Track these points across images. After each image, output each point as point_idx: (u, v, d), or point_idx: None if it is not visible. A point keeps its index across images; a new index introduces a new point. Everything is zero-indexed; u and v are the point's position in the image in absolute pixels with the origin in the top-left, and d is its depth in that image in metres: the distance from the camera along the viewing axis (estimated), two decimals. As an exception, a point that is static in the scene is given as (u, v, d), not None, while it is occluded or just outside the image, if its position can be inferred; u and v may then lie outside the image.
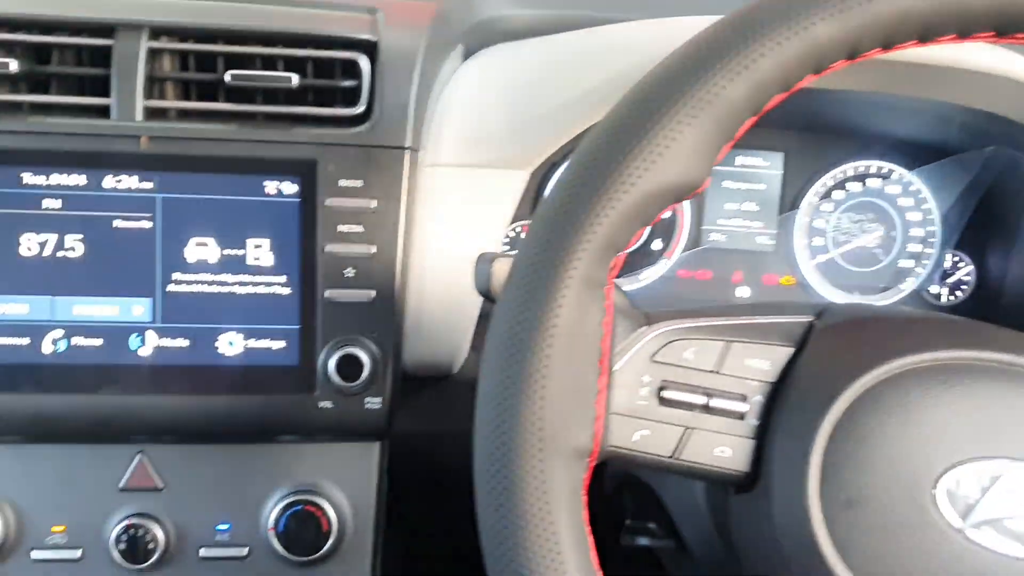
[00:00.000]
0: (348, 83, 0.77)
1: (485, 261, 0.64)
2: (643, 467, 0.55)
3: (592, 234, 0.49)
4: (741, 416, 0.55)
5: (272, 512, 0.82)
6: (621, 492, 0.88)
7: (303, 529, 0.81)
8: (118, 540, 0.80)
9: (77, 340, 0.74)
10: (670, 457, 0.54)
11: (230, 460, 0.82)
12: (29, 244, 0.73)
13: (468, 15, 0.88)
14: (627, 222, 0.50)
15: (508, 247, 0.98)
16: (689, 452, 0.54)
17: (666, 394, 0.54)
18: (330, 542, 0.82)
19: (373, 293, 0.77)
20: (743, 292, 1.01)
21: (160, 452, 0.82)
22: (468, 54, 0.88)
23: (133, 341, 0.75)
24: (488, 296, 0.65)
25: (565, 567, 0.49)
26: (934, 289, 1.01)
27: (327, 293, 0.76)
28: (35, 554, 0.80)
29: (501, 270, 0.63)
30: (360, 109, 0.77)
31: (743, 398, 0.55)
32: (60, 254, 0.73)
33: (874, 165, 0.99)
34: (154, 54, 0.75)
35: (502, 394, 0.50)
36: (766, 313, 0.58)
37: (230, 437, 0.81)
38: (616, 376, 0.53)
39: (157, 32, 0.75)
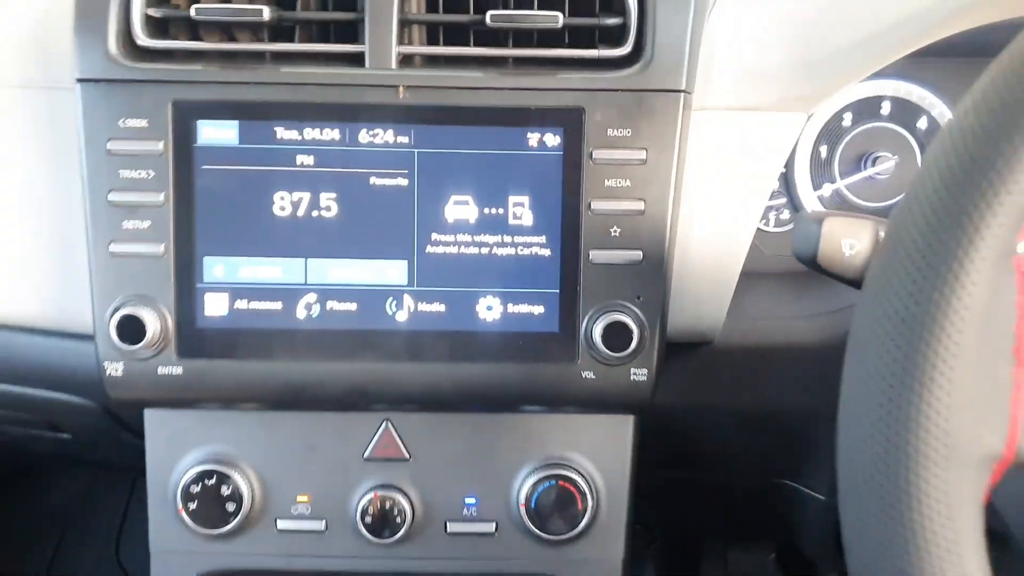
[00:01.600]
0: (613, 21, 0.70)
1: (811, 221, 0.56)
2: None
3: (1015, 193, 0.40)
4: None
5: (523, 487, 0.77)
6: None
7: (558, 506, 0.76)
8: (364, 512, 0.77)
9: (332, 304, 0.70)
10: None
11: (477, 430, 0.78)
12: (283, 203, 0.69)
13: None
14: None
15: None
16: None
17: None
18: (585, 520, 0.77)
19: (640, 254, 0.70)
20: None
21: (405, 420, 0.78)
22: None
23: (390, 305, 0.70)
24: (810, 262, 0.57)
25: None
26: None
27: (591, 254, 0.70)
28: (281, 524, 0.78)
29: (836, 233, 0.55)
30: (627, 49, 0.69)
31: None
32: (315, 213, 0.69)
33: None
34: None
35: (894, 388, 0.42)
36: None
37: (477, 406, 0.76)
38: None
39: (407, -30, 0.69)
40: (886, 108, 0.88)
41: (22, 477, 1.48)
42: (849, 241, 0.56)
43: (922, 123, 0.87)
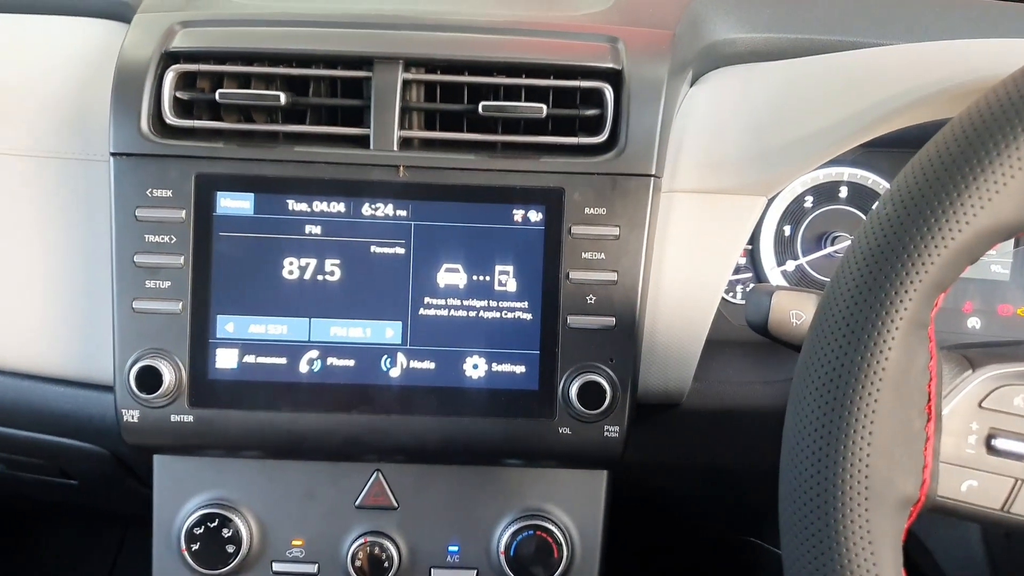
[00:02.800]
0: (591, 112, 0.78)
1: (762, 293, 0.63)
2: (968, 519, 0.52)
3: (924, 273, 0.47)
4: (1075, 467, 0.52)
5: (503, 536, 0.83)
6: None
7: (535, 555, 0.82)
8: (354, 557, 0.82)
9: (332, 360, 0.77)
10: (999, 510, 0.51)
11: (461, 481, 0.84)
12: (291, 268, 0.77)
13: (697, 40, 0.87)
14: (957, 261, 0.48)
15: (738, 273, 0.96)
16: (1020, 506, 0.51)
17: (996, 443, 0.51)
18: (560, 569, 0.82)
19: (613, 320, 0.77)
20: (974, 323, 0.96)
21: (395, 471, 0.84)
22: (694, 78, 0.87)
23: (384, 362, 0.77)
24: (761, 330, 0.64)
25: None
26: None
27: (569, 319, 0.77)
28: (276, 566, 0.84)
29: (784, 305, 0.62)
30: (604, 137, 0.77)
31: (1077, 448, 0.52)
32: (319, 278, 0.77)
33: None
34: (405, 85, 0.78)
35: (824, 438, 0.48)
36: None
37: (462, 458, 0.82)
38: (944, 422, 0.51)
39: (409, 64, 0.78)
40: (844, 192, 0.97)
41: (12, 530, 1.51)
42: (795, 312, 0.63)
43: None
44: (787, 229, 0.96)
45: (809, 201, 0.96)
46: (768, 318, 0.62)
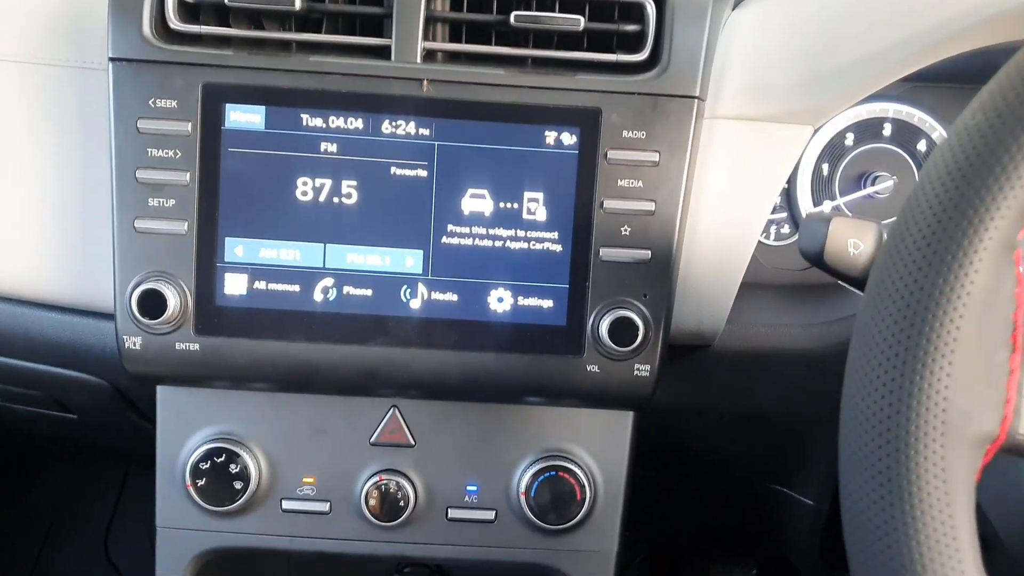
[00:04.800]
0: (631, 28, 0.72)
1: (819, 221, 0.58)
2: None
3: (1020, 188, 0.43)
4: None
5: (524, 476, 0.79)
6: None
7: (557, 496, 0.78)
8: (368, 495, 0.79)
9: (348, 289, 0.72)
10: None
11: (481, 419, 0.80)
12: (305, 188, 0.71)
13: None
14: None
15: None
16: (1105, 446, 0.47)
17: None
18: (583, 511, 0.79)
19: (648, 253, 0.72)
20: None
21: (412, 407, 0.80)
22: (736, 1, 0.81)
23: (404, 293, 0.72)
24: (816, 259, 0.59)
25: (964, 568, 0.44)
26: None
27: (602, 252, 0.72)
28: (286, 504, 0.80)
29: (842, 232, 0.57)
30: (644, 56, 0.72)
31: None
32: (335, 200, 0.71)
33: None
34: None
35: (898, 368, 0.44)
36: None
37: (483, 395, 0.78)
38: None
39: (435, -31, 0.72)
40: (887, 129, 0.91)
41: (11, 470, 1.48)
42: (854, 241, 0.58)
43: (922, 145, 0.90)
44: (825, 168, 0.91)
45: (850, 138, 0.91)
46: (824, 247, 0.57)
